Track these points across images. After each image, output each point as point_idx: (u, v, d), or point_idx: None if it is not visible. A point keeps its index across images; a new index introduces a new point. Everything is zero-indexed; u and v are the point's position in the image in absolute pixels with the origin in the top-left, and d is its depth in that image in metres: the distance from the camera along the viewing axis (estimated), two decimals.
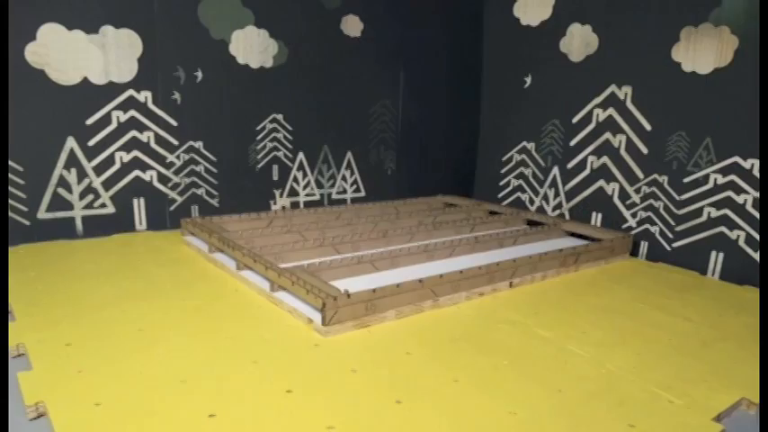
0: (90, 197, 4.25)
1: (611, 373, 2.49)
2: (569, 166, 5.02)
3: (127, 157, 4.34)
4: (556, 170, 5.13)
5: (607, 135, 4.70)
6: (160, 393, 2.16)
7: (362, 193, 5.60)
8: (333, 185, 5.41)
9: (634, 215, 4.52)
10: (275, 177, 5.06)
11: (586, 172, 4.89)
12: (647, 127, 4.41)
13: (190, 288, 3.31)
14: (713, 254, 4.09)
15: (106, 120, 4.21)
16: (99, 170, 4.25)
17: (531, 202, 5.37)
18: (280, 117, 4.99)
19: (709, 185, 4.08)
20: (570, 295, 3.49)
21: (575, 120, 4.92)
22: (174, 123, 4.49)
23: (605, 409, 2.19)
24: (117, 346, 2.53)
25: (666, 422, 2.12)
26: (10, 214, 3.96)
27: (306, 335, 2.74)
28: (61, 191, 4.14)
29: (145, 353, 2.48)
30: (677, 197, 4.27)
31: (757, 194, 3.81)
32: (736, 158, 3.92)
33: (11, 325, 2.68)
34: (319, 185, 5.33)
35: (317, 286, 2.85)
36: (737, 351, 2.78)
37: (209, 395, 2.16)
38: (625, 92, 4.53)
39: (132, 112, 4.30)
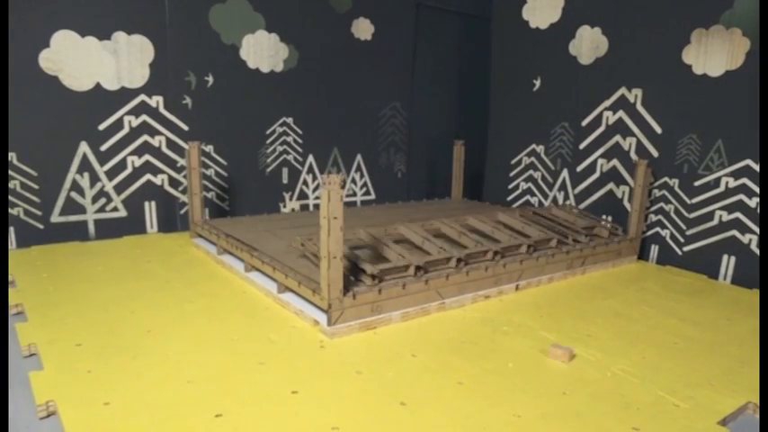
0: (102, 201, 4.32)
1: (617, 376, 2.48)
2: (579, 169, 5.00)
3: (138, 162, 4.40)
4: (565, 173, 5.12)
5: (617, 138, 4.68)
6: (168, 393, 2.19)
7: (372, 196, 5.63)
8: (342, 188, 5.42)
9: (644, 218, 4.49)
10: (285, 180, 5.11)
11: (596, 175, 4.87)
12: (658, 130, 4.39)
13: (198, 289, 3.35)
14: (725, 258, 4.05)
15: (118, 125, 4.28)
16: (111, 174, 4.32)
17: (541, 205, 5.36)
18: (290, 121, 5.03)
19: (721, 189, 4.04)
20: (576, 298, 3.49)
21: (584, 123, 4.91)
22: (185, 128, 4.54)
23: (610, 413, 2.18)
24: (126, 346, 2.57)
25: (671, 426, 2.11)
26: (24, 218, 4.03)
27: (312, 336, 2.76)
28: (74, 195, 4.20)
29: (153, 353, 2.51)
30: (688, 200, 4.24)
31: None
32: (748, 161, 3.88)
33: (23, 325, 2.73)
34: None
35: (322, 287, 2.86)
36: (745, 355, 2.76)
37: (216, 395, 2.18)
38: (635, 94, 4.51)
39: (144, 117, 4.36)
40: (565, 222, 4.23)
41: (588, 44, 4.82)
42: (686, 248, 4.27)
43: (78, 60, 4.04)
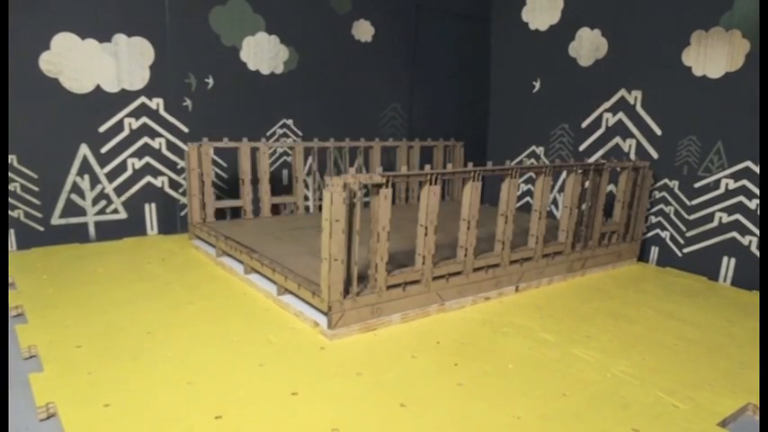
0: (102, 203, 4.32)
1: (616, 377, 2.48)
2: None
3: (139, 164, 4.41)
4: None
5: (617, 140, 4.69)
6: (168, 395, 2.19)
7: None
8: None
9: (644, 220, 4.49)
10: (285, 182, 5.11)
11: None
12: (658, 131, 4.39)
13: (198, 291, 3.35)
14: (725, 259, 4.05)
15: (119, 127, 4.28)
16: (111, 176, 4.32)
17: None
18: (290, 122, 5.04)
19: (721, 190, 4.05)
20: (576, 300, 3.49)
21: (584, 124, 4.92)
22: (186, 130, 4.55)
23: (610, 414, 2.19)
24: (126, 348, 2.57)
25: (671, 427, 2.12)
26: (24, 220, 4.04)
27: (312, 338, 2.76)
28: (74, 197, 4.21)
29: (153, 355, 2.52)
30: (688, 202, 4.24)
31: None
32: (748, 163, 3.89)
33: (23, 327, 2.73)
34: None
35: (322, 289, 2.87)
36: (745, 356, 2.76)
37: (215, 397, 2.19)
38: (635, 96, 4.51)
39: (144, 119, 4.36)
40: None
41: (588, 46, 4.82)
42: (686, 250, 4.28)
43: (78, 62, 4.04)
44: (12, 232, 4.00)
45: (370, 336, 2.83)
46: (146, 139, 4.40)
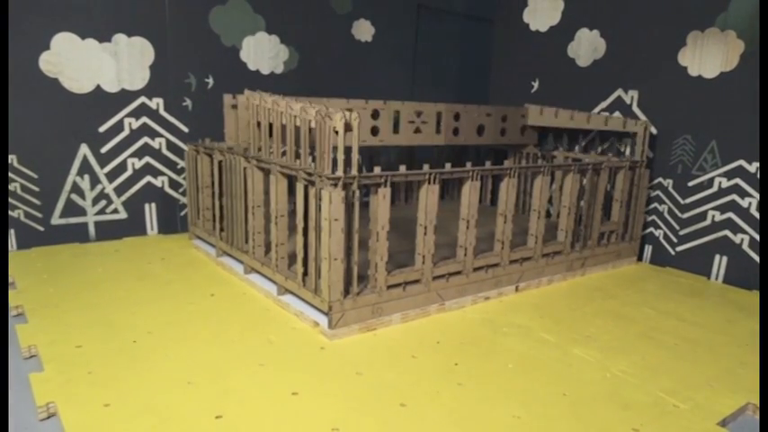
0: (103, 203, 4.32)
1: (616, 377, 2.49)
2: None
3: (139, 164, 4.41)
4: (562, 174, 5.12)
5: (613, 139, 4.70)
6: (168, 395, 2.19)
7: None
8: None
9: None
10: None
11: None
12: (653, 130, 4.40)
13: (198, 291, 3.35)
14: (717, 258, 4.07)
15: (119, 127, 4.28)
16: (111, 176, 4.32)
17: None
18: None
19: (714, 189, 4.06)
20: (576, 299, 3.49)
21: None
22: (186, 129, 4.55)
23: (610, 413, 2.19)
24: (126, 348, 2.57)
25: (671, 426, 2.12)
26: (25, 220, 4.04)
27: (312, 338, 2.76)
28: (74, 197, 4.21)
29: (153, 355, 2.52)
30: (681, 201, 4.26)
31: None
32: (741, 162, 3.91)
33: (23, 327, 2.73)
34: None
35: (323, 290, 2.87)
36: (744, 356, 2.77)
37: (216, 397, 2.19)
38: (631, 96, 4.53)
39: (144, 119, 4.36)
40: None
41: (587, 46, 4.83)
42: (679, 248, 4.29)
43: (79, 62, 4.04)
44: (12, 232, 4.00)
45: (371, 336, 2.83)
46: (146, 139, 4.40)
